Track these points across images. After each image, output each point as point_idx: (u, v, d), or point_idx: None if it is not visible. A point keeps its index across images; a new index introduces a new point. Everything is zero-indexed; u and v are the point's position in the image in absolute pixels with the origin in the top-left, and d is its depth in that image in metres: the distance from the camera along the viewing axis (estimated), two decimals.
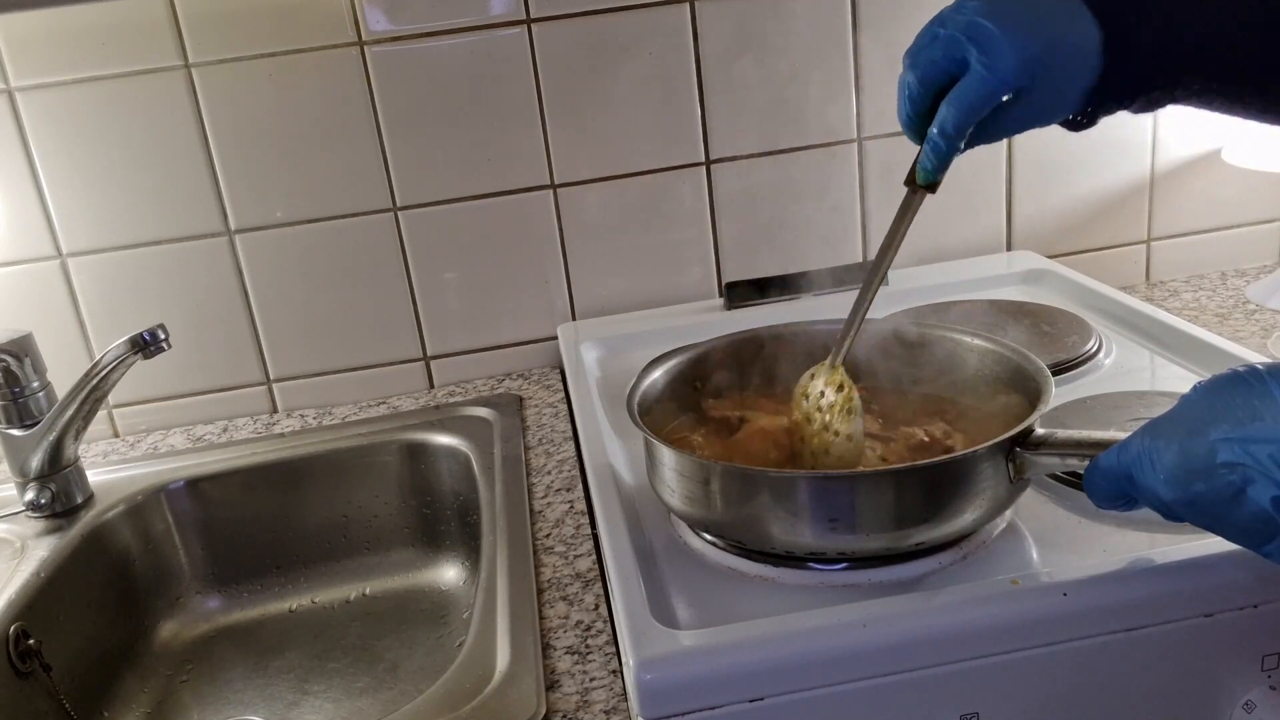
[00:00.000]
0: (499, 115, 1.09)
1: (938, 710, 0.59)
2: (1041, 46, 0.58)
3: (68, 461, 0.93)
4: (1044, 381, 0.67)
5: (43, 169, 1.05)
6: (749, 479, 0.64)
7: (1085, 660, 0.59)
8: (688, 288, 1.18)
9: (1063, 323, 0.98)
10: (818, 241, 1.17)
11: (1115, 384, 0.86)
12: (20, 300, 1.09)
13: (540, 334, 1.17)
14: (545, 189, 1.12)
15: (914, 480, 0.62)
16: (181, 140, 1.06)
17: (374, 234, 1.11)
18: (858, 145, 1.14)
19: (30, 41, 1.02)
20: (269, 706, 0.88)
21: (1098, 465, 0.55)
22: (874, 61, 1.11)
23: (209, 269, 1.10)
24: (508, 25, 1.07)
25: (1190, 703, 0.61)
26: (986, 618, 0.58)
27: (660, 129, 1.12)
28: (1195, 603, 0.59)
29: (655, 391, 0.77)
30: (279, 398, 1.16)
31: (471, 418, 1.04)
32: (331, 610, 0.99)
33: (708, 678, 0.57)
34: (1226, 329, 1.05)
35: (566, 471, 0.92)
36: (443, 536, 1.01)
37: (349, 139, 1.08)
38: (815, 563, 0.65)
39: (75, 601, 0.88)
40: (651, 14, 1.08)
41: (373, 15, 1.05)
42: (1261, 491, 0.47)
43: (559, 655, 0.66)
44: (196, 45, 1.04)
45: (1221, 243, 1.22)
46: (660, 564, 0.69)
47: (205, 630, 0.98)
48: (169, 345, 0.87)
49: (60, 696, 0.82)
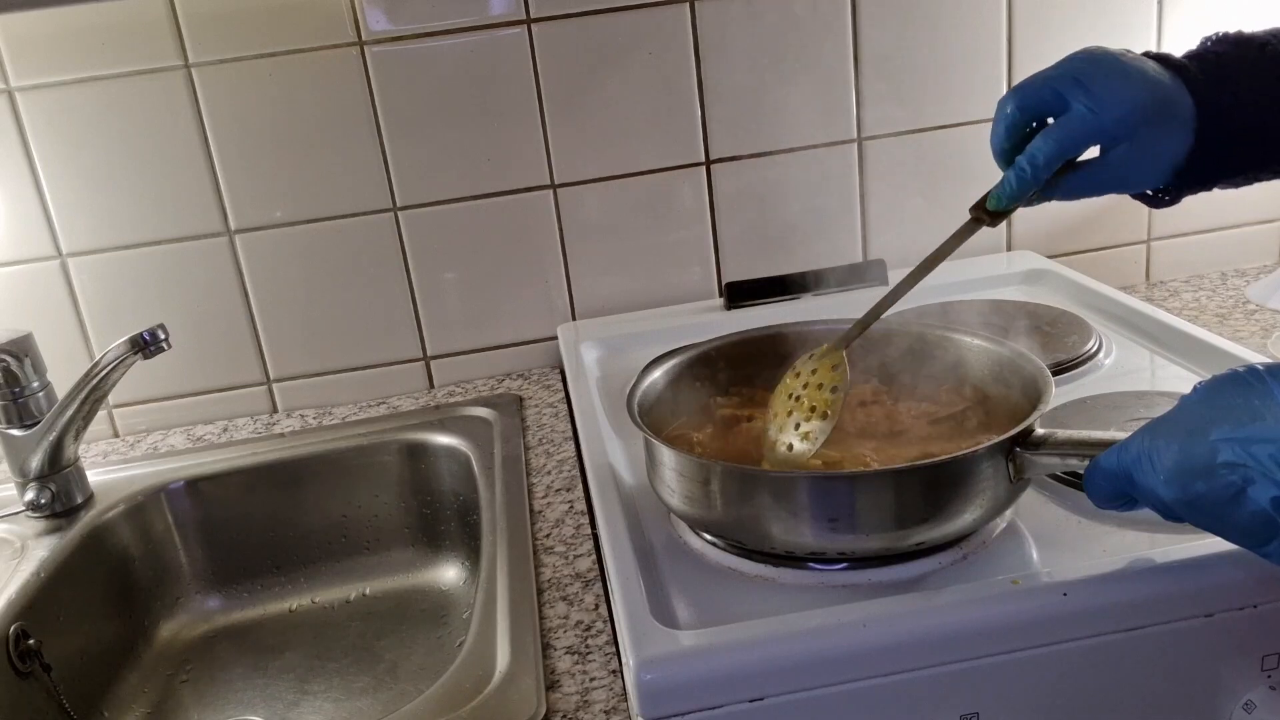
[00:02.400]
0: (499, 115, 1.09)
1: (938, 710, 0.59)
2: (1143, 107, 0.60)
3: (68, 461, 0.93)
4: (1044, 381, 0.67)
5: (43, 169, 1.05)
6: (749, 479, 0.64)
7: (1085, 660, 0.59)
8: (688, 288, 1.18)
9: (1063, 323, 0.98)
10: (817, 241, 1.17)
11: (1115, 384, 0.86)
12: (20, 300, 1.09)
13: (540, 334, 1.17)
14: (545, 189, 1.12)
15: (914, 480, 0.62)
16: (181, 140, 1.06)
17: (374, 234, 1.11)
18: (858, 145, 1.14)
19: (30, 41, 1.02)
20: (269, 706, 0.87)
21: (1098, 465, 0.55)
22: (874, 61, 1.11)
23: (209, 269, 1.10)
24: (508, 25, 1.07)
25: (1190, 703, 0.61)
26: (986, 618, 0.58)
27: (660, 129, 1.12)
28: (1195, 603, 0.59)
29: (655, 391, 0.77)
30: (279, 398, 1.16)
31: (471, 418, 1.04)
32: (331, 610, 0.99)
33: (708, 678, 0.57)
34: (1226, 329, 1.05)
35: (566, 471, 0.92)
36: (443, 536, 1.01)
37: (349, 139, 1.08)
38: (815, 563, 0.65)
39: (75, 601, 0.88)
40: (651, 14, 1.08)
41: (373, 15, 1.05)
42: (1262, 492, 0.47)
43: (559, 655, 0.66)
44: (196, 45, 1.04)
45: (1221, 243, 1.22)
46: (660, 564, 0.69)
47: (205, 630, 0.98)
48: (169, 345, 0.87)
49: (60, 696, 0.82)
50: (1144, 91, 0.61)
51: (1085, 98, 0.60)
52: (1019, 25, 1.12)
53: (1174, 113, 0.62)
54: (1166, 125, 0.62)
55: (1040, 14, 1.12)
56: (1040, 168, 0.62)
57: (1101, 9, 1.12)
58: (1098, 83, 0.60)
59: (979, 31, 1.11)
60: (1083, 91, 0.60)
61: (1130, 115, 0.60)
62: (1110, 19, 1.12)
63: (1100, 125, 0.60)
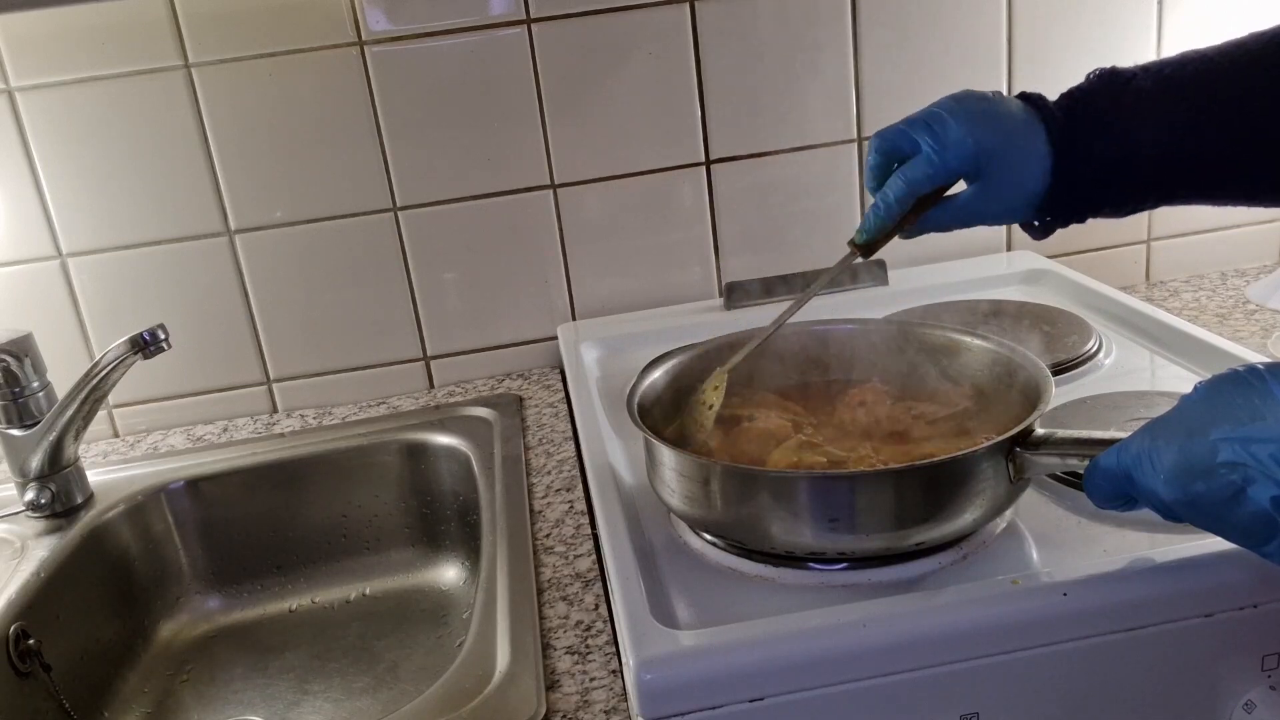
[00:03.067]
0: (499, 115, 1.09)
1: (938, 710, 0.59)
2: (989, 146, 0.65)
3: (68, 461, 0.93)
4: (1044, 381, 0.67)
5: (43, 169, 1.05)
6: (749, 479, 0.64)
7: (1085, 660, 0.59)
8: (688, 288, 1.18)
9: (1063, 323, 0.98)
10: (817, 242, 1.17)
11: (1115, 384, 0.86)
12: (20, 300, 1.09)
13: (540, 334, 1.17)
14: (545, 189, 1.12)
15: (914, 480, 0.62)
16: (181, 140, 1.06)
17: (374, 234, 1.11)
18: (858, 145, 1.14)
19: (30, 41, 1.02)
20: (269, 706, 0.88)
21: (1098, 465, 0.55)
22: (874, 61, 1.11)
23: (209, 269, 1.10)
24: (508, 25, 1.07)
25: (1190, 703, 0.61)
26: (986, 618, 0.58)
27: (660, 129, 1.12)
28: (1195, 603, 0.59)
29: (655, 391, 0.77)
30: (279, 398, 1.16)
31: (471, 418, 1.04)
32: (331, 610, 0.99)
33: (708, 678, 0.57)
34: (1226, 329, 1.05)
35: (566, 471, 0.92)
36: (443, 536, 1.01)
37: (349, 139, 1.08)
38: (815, 563, 0.65)
39: (75, 601, 0.88)
40: (651, 14, 1.08)
41: (373, 15, 1.05)
42: (1262, 491, 0.47)
43: (559, 655, 0.66)
44: (196, 45, 1.04)
45: (1221, 243, 1.22)
46: (660, 564, 0.69)
47: (205, 630, 0.98)
48: (169, 345, 0.87)
49: (60, 696, 0.82)
50: (990, 134, 0.65)
51: (931, 140, 0.65)
52: (1019, 25, 1.12)
53: (1026, 151, 0.66)
54: (1018, 162, 0.66)
55: (1040, 14, 1.12)
56: (892, 204, 0.67)
57: (1101, 9, 1.12)
58: (945, 126, 0.65)
59: (979, 32, 1.11)
60: (929, 135, 0.66)
61: (974, 155, 0.65)
62: (1110, 19, 1.12)
63: (945, 164, 0.66)
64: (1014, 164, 0.66)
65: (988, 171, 0.66)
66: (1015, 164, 0.66)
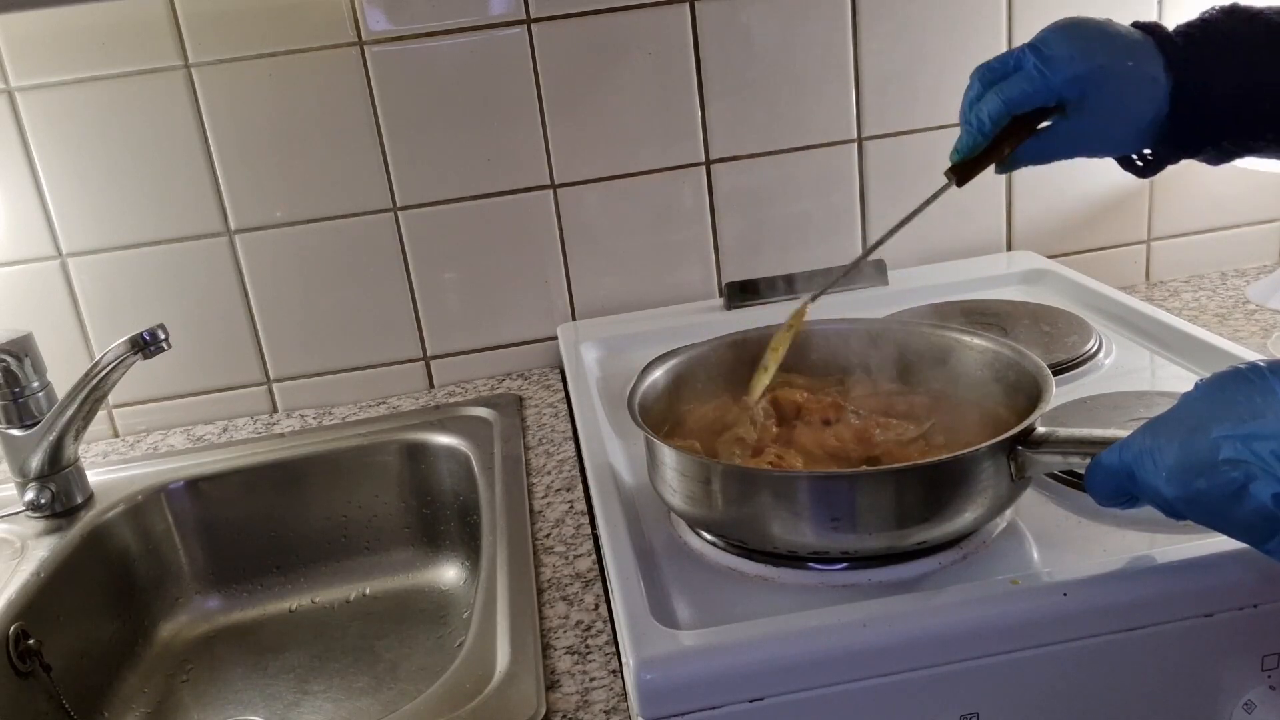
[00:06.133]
0: (499, 115, 1.09)
1: (938, 710, 0.59)
2: (1099, 68, 0.61)
3: (68, 461, 0.93)
4: (1044, 381, 0.67)
5: (43, 169, 1.05)
6: (750, 478, 0.64)
7: (1085, 660, 0.59)
8: (688, 288, 1.18)
9: (1063, 323, 0.98)
10: (818, 241, 1.17)
11: (1115, 384, 0.86)
12: (20, 300, 1.09)
13: (540, 334, 1.17)
14: (545, 189, 1.12)
15: (915, 479, 0.62)
16: (181, 140, 1.06)
17: (374, 234, 1.11)
18: (858, 145, 1.14)
19: (30, 41, 1.02)
20: (269, 706, 0.87)
21: (1099, 463, 0.55)
22: (874, 61, 1.11)
23: (209, 269, 1.10)
24: (508, 25, 1.07)
25: (1190, 703, 0.61)
26: (986, 618, 0.58)
27: (660, 129, 1.12)
28: (1195, 603, 0.59)
29: (655, 391, 0.77)
30: (279, 398, 1.16)
31: (471, 418, 1.04)
32: (331, 610, 0.99)
33: (708, 678, 0.57)
34: (1226, 329, 1.05)
35: (566, 471, 0.92)
36: (443, 536, 1.01)
37: (349, 139, 1.08)
38: (816, 562, 0.65)
39: (75, 601, 0.88)
40: (651, 14, 1.08)
41: (373, 15, 1.05)
42: (1263, 488, 0.47)
43: (559, 655, 0.66)
44: (196, 45, 1.04)
45: (1221, 243, 1.22)
46: (660, 564, 0.69)
47: (205, 630, 0.98)
48: (169, 345, 0.87)
49: (60, 696, 0.82)
50: (1103, 54, 0.62)
51: (1036, 59, 0.62)
52: (1019, 26, 1.12)
53: (1140, 75, 0.63)
54: (1133, 89, 0.63)
55: (1040, 14, 1.11)
56: (985, 121, 0.63)
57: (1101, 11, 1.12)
58: (1053, 46, 0.62)
59: (979, 31, 1.11)
60: (1035, 54, 0.62)
61: (1082, 76, 0.62)
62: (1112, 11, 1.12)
63: (1047, 84, 0.62)
64: (1126, 89, 0.63)
65: (1096, 96, 0.62)
66: (1127, 89, 0.63)
